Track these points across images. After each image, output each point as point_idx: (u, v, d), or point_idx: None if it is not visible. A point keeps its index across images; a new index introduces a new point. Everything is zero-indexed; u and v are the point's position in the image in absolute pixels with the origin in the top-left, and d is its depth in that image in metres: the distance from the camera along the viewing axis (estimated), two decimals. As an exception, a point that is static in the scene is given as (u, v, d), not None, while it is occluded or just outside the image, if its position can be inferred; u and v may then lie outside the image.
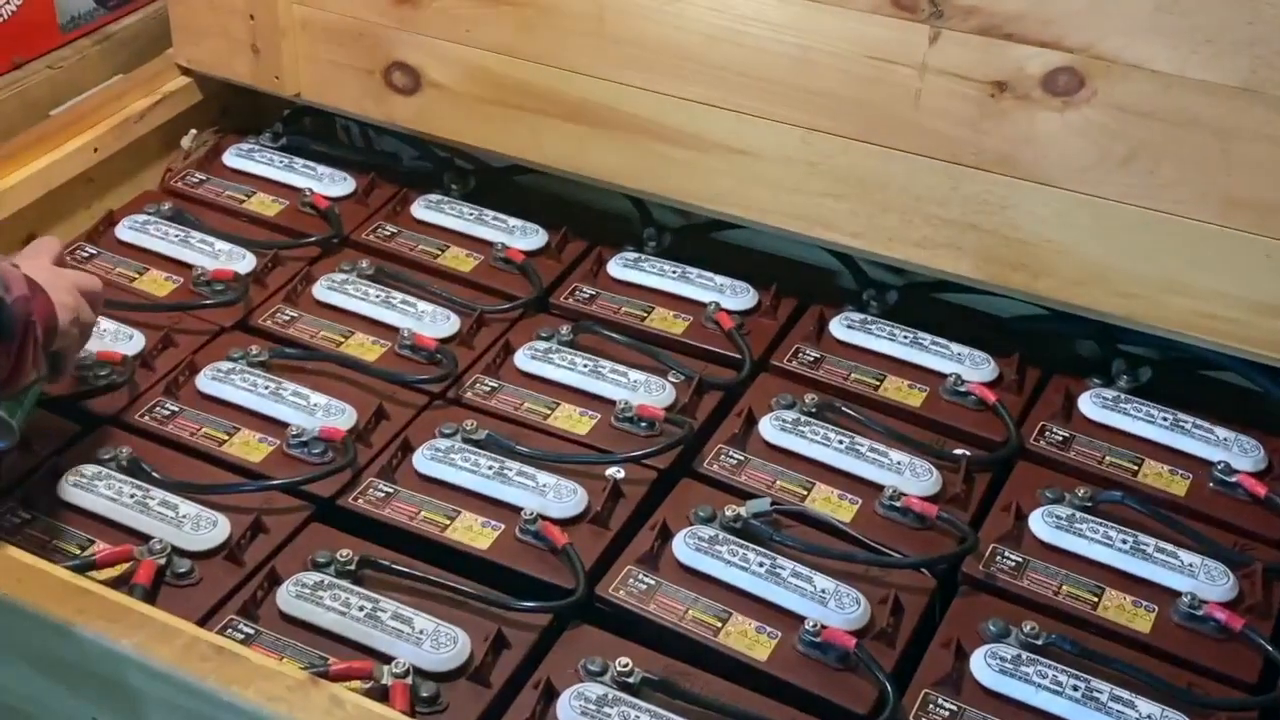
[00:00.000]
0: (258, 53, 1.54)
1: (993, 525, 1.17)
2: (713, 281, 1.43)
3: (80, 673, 0.98)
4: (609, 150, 1.42)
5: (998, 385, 1.31)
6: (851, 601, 1.07)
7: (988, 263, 1.29)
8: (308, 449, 1.19)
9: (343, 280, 1.40)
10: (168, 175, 1.57)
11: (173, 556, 1.07)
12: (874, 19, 1.24)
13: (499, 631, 1.04)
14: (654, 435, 1.24)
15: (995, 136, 1.24)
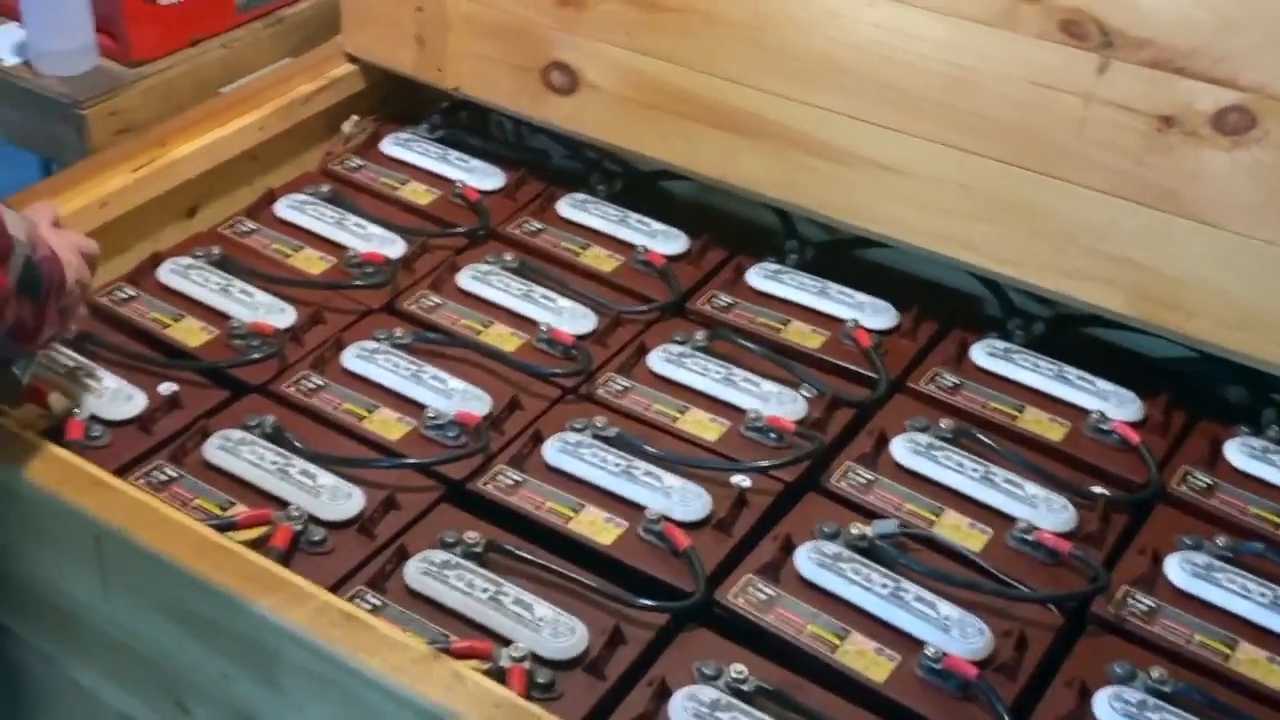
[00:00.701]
0: (422, 45, 1.58)
1: (1127, 567, 1.14)
2: (852, 298, 1.42)
3: (214, 628, 1.01)
4: (759, 160, 1.42)
5: (1143, 426, 1.28)
6: (975, 631, 1.05)
7: (1141, 300, 1.26)
8: (443, 431, 1.21)
9: (487, 271, 1.43)
10: (327, 158, 1.62)
11: (309, 524, 1.10)
12: (1041, 45, 1.22)
13: (617, 626, 1.04)
14: (782, 447, 1.23)
15: (1159, 171, 1.21)
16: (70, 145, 1.54)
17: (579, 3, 1.46)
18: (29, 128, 1.57)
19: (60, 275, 1.02)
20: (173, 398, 1.22)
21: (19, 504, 1.08)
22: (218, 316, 1.33)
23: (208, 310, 1.34)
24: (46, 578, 1.12)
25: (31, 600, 1.15)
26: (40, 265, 0.98)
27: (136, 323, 1.32)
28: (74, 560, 1.07)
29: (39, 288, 0.98)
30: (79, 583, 1.09)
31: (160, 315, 1.33)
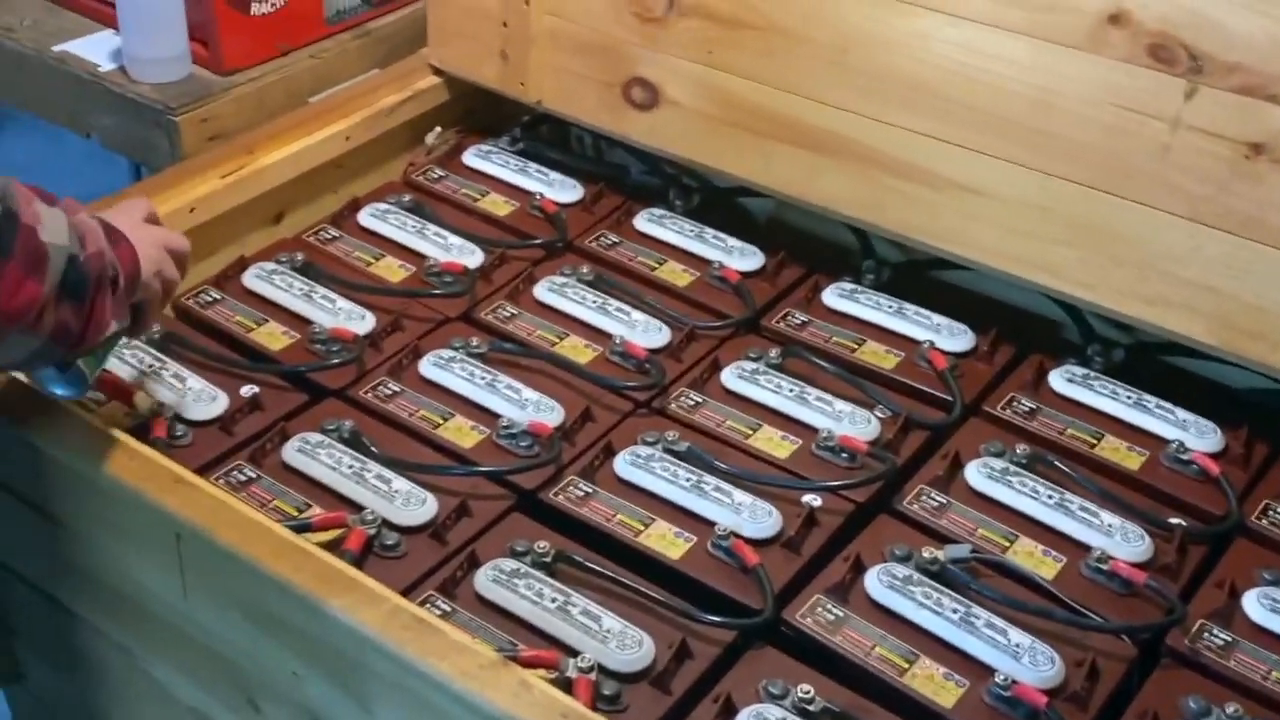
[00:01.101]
0: (506, 59, 1.60)
1: (1203, 600, 1.12)
2: (929, 320, 1.41)
3: (288, 628, 1.03)
4: (838, 179, 1.42)
5: (1223, 457, 1.25)
6: (1046, 660, 1.04)
7: (1224, 328, 1.24)
8: (516, 441, 1.22)
9: (563, 283, 1.44)
10: (410, 169, 1.64)
11: (382, 528, 1.11)
12: (1127, 68, 1.21)
13: (684, 641, 1.05)
14: (854, 467, 1.23)
15: (1245, 199, 1.19)
16: (161, 151, 1.57)
17: (661, 19, 1.47)
18: (122, 132, 1.61)
19: (128, 263, 1.00)
20: (254, 400, 1.25)
21: (101, 499, 1.11)
22: (299, 321, 1.36)
23: (290, 315, 1.37)
24: (125, 572, 1.15)
25: (109, 593, 1.18)
26: (86, 264, 0.94)
27: (221, 326, 1.35)
28: (153, 556, 1.10)
29: (83, 288, 0.94)
30: (157, 579, 1.12)
31: (244, 319, 1.36)
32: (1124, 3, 1.19)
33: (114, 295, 0.98)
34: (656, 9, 1.47)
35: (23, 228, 0.85)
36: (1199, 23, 1.16)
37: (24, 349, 0.92)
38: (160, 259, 1.07)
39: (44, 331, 0.91)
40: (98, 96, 1.61)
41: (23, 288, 0.86)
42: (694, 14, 1.45)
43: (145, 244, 1.04)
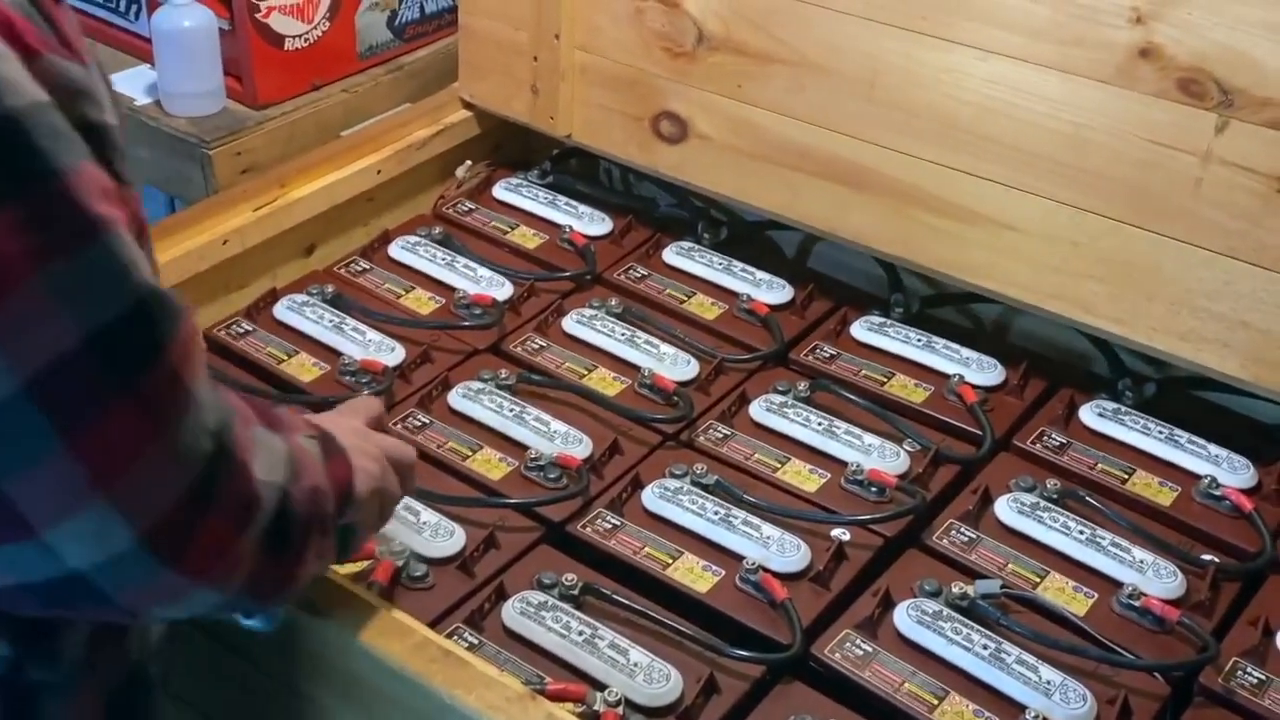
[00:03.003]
0: (536, 93, 1.61)
1: (1237, 638, 1.10)
2: (958, 354, 1.41)
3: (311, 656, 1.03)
4: (866, 213, 1.42)
5: (1256, 493, 1.24)
6: (1078, 697, 1.03)
7: (1256, 364, 1.23)
8: (544, 473, 1.23)
9: (591, 316, 1.44)
10: (440, 202, 1.65)
11: (410, 560, 1.12)
12: (1158, 103, 1.21)
13: (711, 675, 1.04)
14: (884, 502, 1.22)
15: (1278, 234, 1.19)
16: (195, 183, 1.59)
17: (691, 53, 1.48)
18: (156, 166, 1.63)
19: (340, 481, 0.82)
20: (284, 430, 1.25)
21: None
22: (330, 353, 1.37)
23: (320, 347, 1.38)
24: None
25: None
26: (298, 506, 0.75)
27: (252, 357, 1.36)
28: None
29: (288, 537, 0.74)
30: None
31: (275, 350, 1.37)
32: (1154, 37, 1.19)
33: (322, 534, 0.79)
34: (686, 43, 1.48)
35: (237, 469, 0.68)
36: (1229, 56, 1.16)
37: (206, 604, 0.72)
38: (381, 474, 0.89)
39: (233, 585, 0.72)
40: (133, 130, 1.62)
41: (223, 541, 0.69)
42: (723, 48, 1.45)
43: (366, 457, 0.87)
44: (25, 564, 0.64)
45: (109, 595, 0.66)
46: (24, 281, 0.58)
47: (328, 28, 1.66)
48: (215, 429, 0.67)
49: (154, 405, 0.63)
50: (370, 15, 1.70)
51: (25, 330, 0.58)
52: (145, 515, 0.64)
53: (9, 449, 0.60)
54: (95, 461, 0.61)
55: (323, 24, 1.65)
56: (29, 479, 0.60)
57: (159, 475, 0.64)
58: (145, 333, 0.62)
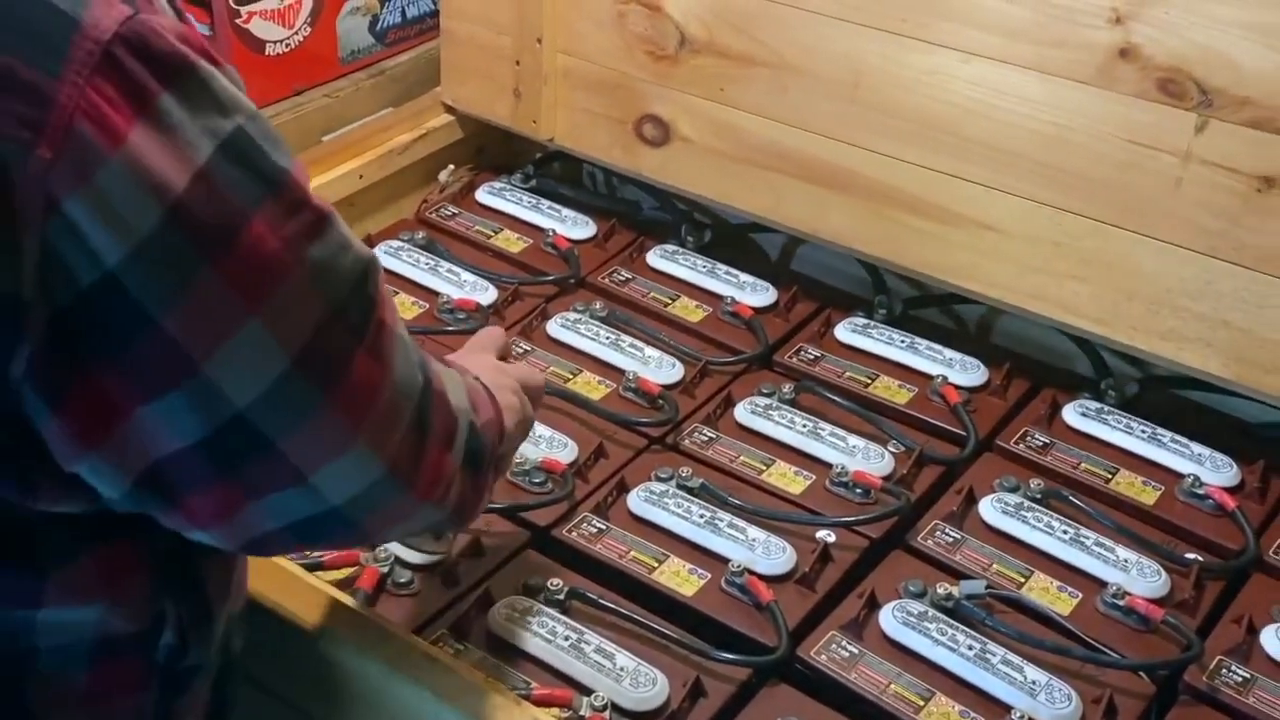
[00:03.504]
0: (519, 97, 1.61)
1: (1221, 636, 1.11)
2: (941, 354, 1.41)
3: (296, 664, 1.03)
4: (849, 215, 1.42)
5: (1239, 491, 1.25)
6: (1063, 697, 1.03)
7: (1238, 363, 1.24)
8: (529, 477, 1.22)
9: (576, 319, 1.44)
10: (423, 206, 1.65)
11: (395, 566, 1.11)
12: (1138, 103, 1.21)
13: (698, 679, 1.04)
14: (869, 503, 1.23)
15: (1258, 233, 1.19)
16: (177, 190, 1.58)
17: (673, 57, 1.48)
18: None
19: (499, 436, 0.89)
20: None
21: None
22: (313, 359, 1.36)
23: (303, 352, 1.37)
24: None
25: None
26: (482, 432, 0.84)
27: (235, 363, 1.36)
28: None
29: (480, 459, 0.84)
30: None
31: (258, 356, 1.36)
32: (1133, 37, 1.20)
33: (497, 462, 0.89)
34: (668, 46, 1.48)
35: (437, 396, 0.77)
36: (1208, 57, 1.16)
37: (427, 521, 0.83)
38: (521, 406, 0.96)
39: (448, 506, 0.81)
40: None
41: (441, 463, 0.77)
42: (705, 51, 1.46)
43: (506, 391, 0.93)
44: (292, 508, 0.70)
45: (357, 522, 0.73)
46: (290, 272, 0.64)
47: (309, 33, 1.65)
48: (419, 363, 0.75)
49: (381, 352, 0.70)
50: (352, 20, 1.70)
51: (291, 313, 0.65)
52: (388, 447, 0.72)
53: (283, 414, 0.67)
54: (351, 410, 0.69)
55: (304, 29, 1.65)
56: (300, 435, 0.68)
57: (393, 410, 0.72)
58: (367, 293, 0.69)
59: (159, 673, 0.77)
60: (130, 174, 0.58)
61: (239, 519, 0.70)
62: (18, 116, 0.55)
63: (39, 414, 0.62)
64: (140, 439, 0.64)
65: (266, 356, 0.65)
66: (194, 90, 0.61)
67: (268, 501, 0.69)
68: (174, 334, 0.62)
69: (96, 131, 0.57)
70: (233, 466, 0.67)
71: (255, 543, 0.73)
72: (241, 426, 0.65)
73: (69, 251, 0.58)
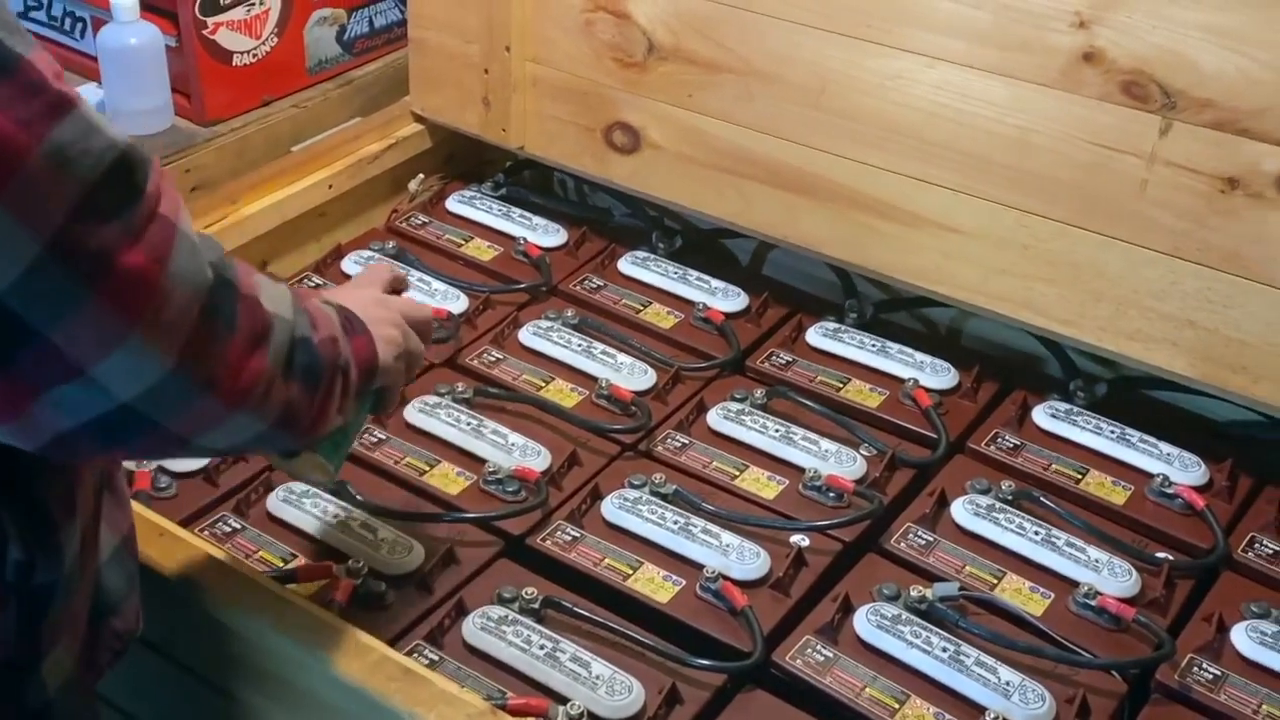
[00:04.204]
0: (488, 106, 1.61)
1: (1192, 634, 1.12)
2: (912, 358, 1.42)
3: (273, 677, 1.02)
4: (818, 219, 1.42)
5: (1207, 490, 1.26)
6: (1037, 697, 1.04)
7: (1205, 362, 1.25)
8: (502, 486, 1.22)
9: (548, 327, 1.44)
10: (393, 215, 1.65)
11: (368, 578, 1.11)
12: (1103, 106, 1.22)
13: (674, 686, 1.04)
14: (842, 507, 1.23)
15: (1222, 233, 1.20)
16: (145, 202, 1.57)
17: (641, 64, 1.49)
18: (106, 184, 1.61)
19: (364, 357, 0.90)
20: (239, 450, 1.25)
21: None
22: (284, 370, 1.35)
23: (274, 364, 1.36)
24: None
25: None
26: (318, 349, 0.83)
27: (205, 376, 1.35)
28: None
29: (316, 372, 0.83)
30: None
31: (228, 369, 1.36)
32: (1096, 41, 1.21)
33: (344, 389, 0.87)
34: (636, 54, 1.48)
35: (243, 298, 0.76)
36: (1171, 60, 1.18)
37: (248, 431, 0.80)
38: (401, 338, 0.96)
39: (271, 414, 0.79)
40: (81, 149, 1.61)
41: (247, 363, 0.76)
42: (673, 58, 1.46)
43: (383, 324, 0.94)
44: (80, 403, 0.71)
45: (158, 422, 0.73)
46: (29, 154, 0.64)
47: (276, 43, 1.65)
48: (213, 261, 0.74)
49: (152, 242, 0.70)
50: (319, 30, 1.69)
51: (37, 198, 0.65)
52: (171, 343, 0.71)
53: (47, 304, 0.67)
54: (120, 301, 0.69)
55: (271, 39, 1.64)
56: (69, 326, 0.68)
57: (173, 303, 0.71)
58: (133, 182, 0.69)
59: (14, 592, 0.79)
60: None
61: (31, 416, 0.71)
62: None
63: None
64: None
65: (13, 241, 0.65)
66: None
67: (52, 396, 0.70)
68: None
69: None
70: (7, 358, 0.68)
71: (58, 443, 0.73)
72: (4, 312, 0.66)
73: None
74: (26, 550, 0.78)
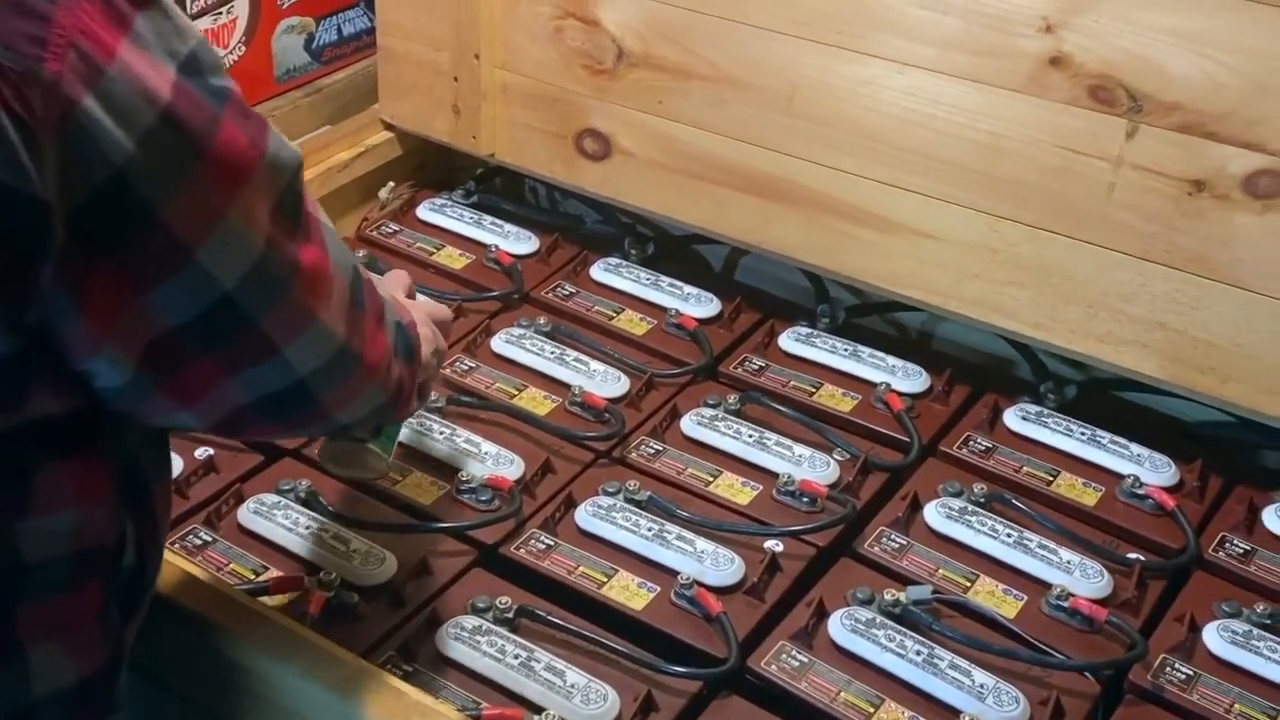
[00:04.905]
0: (458, 113, 1.61)
1: (1164, 635, 1.12)
2: (884, 362, 1.42)
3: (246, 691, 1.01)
4: (790, 225, 1.43)
5: (1178, 491, 1.27)
6: (1011, 700, 1.04)
7: (1174, 363, 1.26)
8: (475, 495, 1.22)
9: (520, 335, 1.44)
10: (364, 224, 1.64)
11: (341, 589, 1.10)
12: (1070, 110, 1.23)
13: (649, 693, 1.04)
14: (815, 511, 1.23)
15: (1190, 235, 1.21)
16: (113, 212, 1.56)
17: (611, 71, 1.49)
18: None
19: (418, 344, 0.97)
20: (208, 462, 1.24)
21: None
22: (254, 381, 1.34)
23: (245, 375, 1.35)
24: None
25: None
26: (407, 329, 0.94)
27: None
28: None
29: (411, 352, 0.93)
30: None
31: (198, 380, 1.35)
32: (1064, 46, 1.21)
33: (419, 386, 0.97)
34: (606, 60, 1.48)
35: (365, 281, 0.86)
36: (1137, 64, 1.18)
37: (372, 402, 0.89)
38: (433, 336, 1.03)
39: (390, 386, 0.90)
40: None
41: (378, 338, 0.86)
42: (643, 65, 1.46)
43: (419, 323, 1.01)
44: (264, 380, 0.78)
45: (317, 397, 0.82)
46: (254, 166, 0.72)
47: (244, 51, 1.64)
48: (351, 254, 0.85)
49: (319, 236, 0.78)
50: (287, 38, 1.68)
51: (257, 202, 0.72)
52: (340, 320, 0.81)
53: (260, 295, 0.74)
54: (309, 287, 0.77)
55: (239, 48, 1.63)
56: (276, 313, 0.76)
57: (339, 286, 0.80)
58: (299, 187, 0.77)
59: (117, 597, 0.82)
60: (126, 81, 0.65)
61: (216, 395, 0.78)
62: (29, 36, 0.62)
63: (64, 312, 0.68)
64: (144, 323, 0.71)
65: (248, 240, 0.72)
66: (158, 16, 0.68)
67: (244, 375, 0.77)
68: (172, 225, 0.68)
69: (93, 46, 0.64)
70: (219, 342, 0.75)
71: (226, 421, 0.81)
72: (228, 304, 0.73)
73: (83, 152, 0.64)
74: (140, 554, 0.83)
